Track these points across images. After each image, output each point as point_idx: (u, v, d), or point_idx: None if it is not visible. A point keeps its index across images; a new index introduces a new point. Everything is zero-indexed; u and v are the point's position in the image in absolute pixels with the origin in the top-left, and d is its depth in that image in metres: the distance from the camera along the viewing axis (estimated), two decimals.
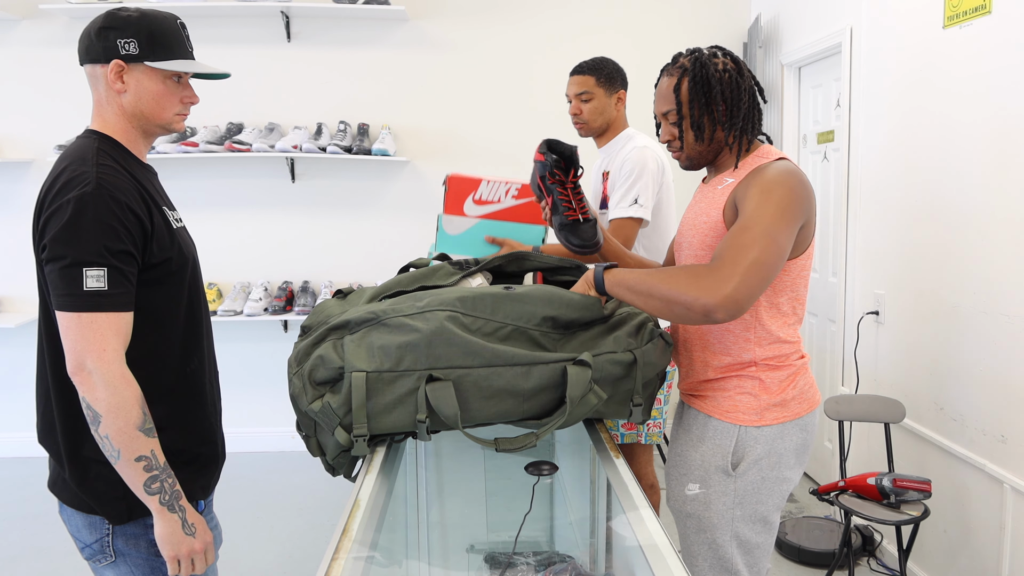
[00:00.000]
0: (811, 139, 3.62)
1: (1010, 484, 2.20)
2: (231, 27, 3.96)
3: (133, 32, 1.34)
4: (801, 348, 1.57)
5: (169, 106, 1.40)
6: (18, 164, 3.95)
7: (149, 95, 1.37)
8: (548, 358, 1.34)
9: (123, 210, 1.28)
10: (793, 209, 1.38)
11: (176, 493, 1.33)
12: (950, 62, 2.43)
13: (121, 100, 1.37)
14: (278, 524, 3.29)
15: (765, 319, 1.50)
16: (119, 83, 1.35)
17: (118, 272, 1.26)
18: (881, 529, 2.92)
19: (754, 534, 1.52)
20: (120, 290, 1.27)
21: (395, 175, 4.11)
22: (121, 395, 1.25)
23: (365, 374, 1.27)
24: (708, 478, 1.51)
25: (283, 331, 4.16)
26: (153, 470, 1.29)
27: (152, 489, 1.29)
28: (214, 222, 4.05)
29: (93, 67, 1.37)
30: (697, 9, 4.07)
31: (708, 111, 1.50)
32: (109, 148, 1.36)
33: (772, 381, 1.51)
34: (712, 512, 1.51)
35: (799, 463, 1.55)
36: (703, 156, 1.56)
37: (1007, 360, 2.22)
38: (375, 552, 1.14)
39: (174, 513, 1.32)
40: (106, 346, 1.25)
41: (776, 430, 1.50)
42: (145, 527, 1.39)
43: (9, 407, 4.13)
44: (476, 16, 4.02)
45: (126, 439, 1.26)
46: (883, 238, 2.87)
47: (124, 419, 1.25)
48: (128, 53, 1.34)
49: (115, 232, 1.26)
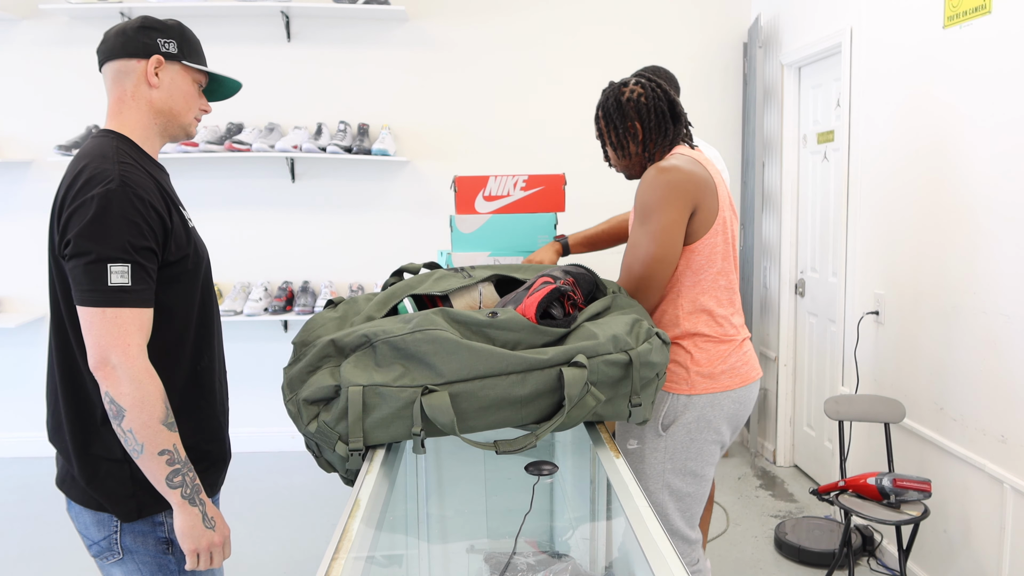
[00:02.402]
0: (811, 139, 3.62)
1: (1010, 484, 2.20)
2: (231, 27, 3.96)
3: (173, 35, 1.43)
4: (740, 326, 1.81)
5: (192, 108, 1.47)
6: (18, 164, 3.94)
7: (180, 93, 1.43)
8: (543, 362, 1.33)
9: (146, 207, 1.30)
10: (663, 209, 1.65)
11: (197, 487, 1.34)
12: (950, 62, 2.43)
13: (151, 95, 1.41)
14: (278, 524, 3.29)
15: (690, 293, 1.74)
16: (155, 78, 1.40)
17: (141, 268, 1.28)
18: (881, 529, 2.92)
19: (684, 484, 1.77)
20: (143, 286, 1.28)
21: (395, 175, 4.11)
22: (145, 389, 1.27)
23: (362, 388, 1.27)
24: (644, 436, 1.77)
25: (283, 331, 4.16)
26: (175, 464, 1.30)
27: (175, 483, 1.30)
28: (214, 222, 4.05)
29: (127, 62, 1.40)
30: (697, 9, 4.07)
31: (621, 132, 1.79)
32: (127, 147, 1.38)
33: (702, 355, 1.74)
34: (646, 464, 1.77)
35: (731, 429, 1.80)
36: (631, 168, 1.84)
37: (1007, 360, 2.22)
38: (375, 552, 1.14)
39: (195, 507, 1.33)
40: (130, 341, 1.26)
41: (707, 399, 1.74)
42: (153, 525, 1.40)
43: (10, 407, 4.13)
44: (476, 16, 4.02)
45: (150, 433, 1.27)
46: (883, 238, 2.87)
47: (148, 413, 1.27)
48: (168, 51, 1.41)
49: (139, 229, 1.28)
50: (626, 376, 1.41)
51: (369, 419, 1.28)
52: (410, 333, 1.32)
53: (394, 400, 1.27)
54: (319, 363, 1.36)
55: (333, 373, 1.33)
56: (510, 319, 1.40)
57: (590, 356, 1.37)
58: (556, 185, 2.06)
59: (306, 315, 3.91)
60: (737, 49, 4.09)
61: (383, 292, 1.65)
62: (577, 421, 1.38)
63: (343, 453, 1.30)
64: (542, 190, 2.04)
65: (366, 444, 1.30)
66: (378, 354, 1.32)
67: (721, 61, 4.08)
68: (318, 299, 3.99)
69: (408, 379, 1.29)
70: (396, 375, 1.29)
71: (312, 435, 1.32)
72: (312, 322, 1.54)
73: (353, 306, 1.61)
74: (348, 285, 4.14)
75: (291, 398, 1.35)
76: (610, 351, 1.40)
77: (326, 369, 1.34)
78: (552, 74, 4.04)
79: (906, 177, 2.69)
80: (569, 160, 3.90)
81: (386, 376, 1.29)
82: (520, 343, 1.40)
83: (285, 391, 1.39)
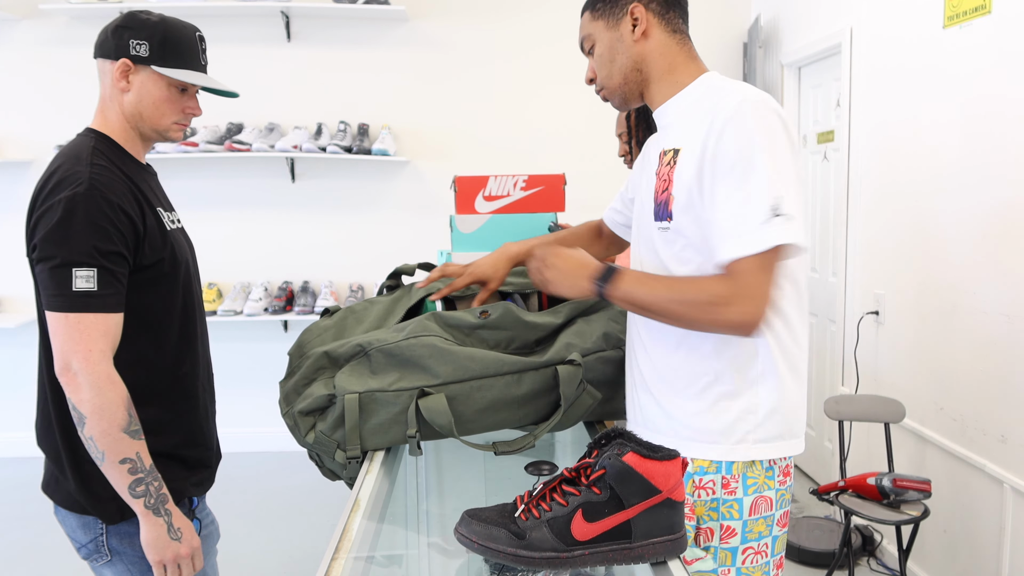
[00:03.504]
0: (811, 139, 3.62)
1: (1010, 484, 2.20)
2: (231, 27, 3.96)
3: (147, 35, 1.35)
4: None
5: (168, 113, 1.41)
6: (18, 164, 3.95)
7: (150, 99, 1.38)
8: (537, 363, 1.33)
9: (115, 211, 1.27)
10: None
11: (162, 497, 1.31)
12: (950, 62, 2.43)
13: (123, 99, 1.38)
14: (278, 524, 3.29)
15: None
16: (123, 82, 1.37)
17: (108, 273, 1.26)
18: (881, 529, 2.92)
19: None
20: (109, 291, 1.26)
21: (395, 175, 4.10)
22: (106, 396, 1.24)
23: (358, 395, 1.27)
24: None
25: (283, 331, 4.16)
26: (138, 473, 1.27)
27: (137, 492, 1.27)
28: (214, 222, 4.05)
29: (103, 62, 1.38)
30: (697, 9, 4.03)
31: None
32: (106, 148, 1.36)
33: None
34: None
35: None
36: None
37: (1007, 360, 2.22)
38: (375, 552, 1.14)
39: (159, 517, 1.30)
40: (92, 347, 1.24)
41: None
42: (137, 526, 1.38)
43: (9, 407, 4.13)
44: (476, 16, 4.02)
45: (110, 441, 1.24)
46: (883, 238, 2.86)
47: (108, 421, 1.24)
48: (137, 54, 1.35)
49: (106, 233, 1.25)
50: (624, 374, 1.41)
51: (367, 425, 1.28)
52: (404, 339, 1.32)
53: (391, 405, 1.27)
54: (314, 375, 1.36)
55: (327, 384, 1.32)
56: (501, 317, 1.40)
57: (584, 355, 1.37)
58: (556, 185, 2.06)
59: (306, 315, 3.91)
60: (737, 49, 4.08)
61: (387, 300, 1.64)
62: (576, 420, 1.38)
63: (342, 461, 1.30)
64: (542, 190, 2.04)
65: (364, 450, 1.30)
66: (373, 362, 1.32)
67: (721, 61, 4.07)
68: (318, 299, 3.99)
69: (404, 383, 1.29)
70: (392, 380, 1.29)
71: (311, 446, 1.32)
72: (307, 333, 1.54)
73: (351, 315, 1.59)
74: (348, 285, 4.14)
75: (287, 411, 1.35)
76: (603, 348, 1.40)
77: (321, 381, 1.34)
78: (552, 74, 4.04)
79: (906, 177, 2.69)
80: (569, 160, 3.89)
81: (382, 382, 1.29)
82: (514, 340, 1.40)
83: (282, 405, 1.38)
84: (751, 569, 1.26)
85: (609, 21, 1.29)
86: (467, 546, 0.98)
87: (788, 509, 1.30)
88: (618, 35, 1.28)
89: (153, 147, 3.79)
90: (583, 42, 1.35)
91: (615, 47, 1.29)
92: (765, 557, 1.27)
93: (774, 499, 1.25)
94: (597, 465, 0.95)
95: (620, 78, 1.30)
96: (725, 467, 1.23)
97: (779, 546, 1.29)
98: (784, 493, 1.27)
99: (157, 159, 3.86)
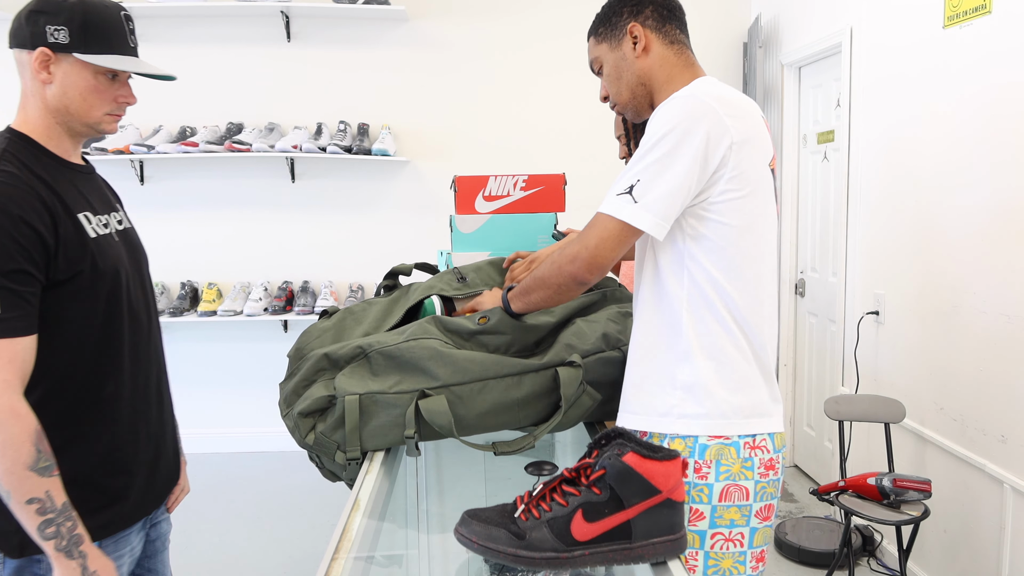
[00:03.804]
0: (811, 139, 3.62)
1: (1010, 484, 2.20)
2: (231, 27, 3.95)
3: (65, 19, 1.21)
4: None
5: (98, 104, 1.27)
6: None
7: (76, 90, 1.25)
8: (537, 365, 1.34)
9: (15, 224, 1.14)
10: None
11: (76, 538, 1.18)
12: (950, 62, 2.43)
13: (45, 93, 1.24)
14: (278, 524, 3.29)
15: None
16: (44, 73, 1.23)
17: (12, 294, 1.13)
18: (881, 529, 2.92)
19: None
20: (15, 313, 1.13)
21: (395, 175, 4.11)
22: (8, 431, 1.11)
23: (358, 397, 1.27)
24: None
25: (283, 331, 4.16)
26: (48, 513, 1.14)
27: (47, 534, 1.14)
28: (214, 222, 4.05)
29: (20, 52, 1.24)
30: (697, 9, 4.06)
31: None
32: (20, 150, 1.23)
33: None
34: None
35: None
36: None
37: (1007, 360, 2.22)
38: (375, 551, 1.14)
39: (72, 560, 1.17)
40: None
41: None
42: (31, 562, 1.25)
43: None
44: (476, 16, 4.02)
45: (15, 480, 1.12)
46: (883, 238, 2.86)
47: (12, 458, 1.11)
48: (56, 42, 1.21)
49: (6, 251, 1.13)
50: (624, 374, 1.41)
51: (367, 427, 1.28)
52: (404, 342, 1.33)
53: (392, 407, 1.27)
54: (314, 377, 1.35)
55: (327, 386, 1.32)
56: (499, 321, 1.40)
57: (584, 356, 1.37)
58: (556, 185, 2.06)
59: (306, 315, 3.91)
60: (737, 49, 4.08)
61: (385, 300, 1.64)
62: (575, 421, 1.38)
63: (342, 462, 1.30)
64: (542, 190, 2.05)
65: (364, 451, 1.30)
66: (373, 364, 1.32)
67: (721, 61, 4.08)
68: (318, 299, 3.99)
69: (405, 385, 1.29)
70: (392, 382, 1.29)
71: (311, 447, 1.32)
72: (306, 334, 1.53)
73: (350, 316, 1.59)
74: (348, 285, 4.14)
75: (287, 413, 1.35)
76: (602, 349, 1.40)
77: (321, 382, 1.34)
78: (552, 74, 4.04)
79: (906, 177, 2.69)
80: (569, 160, 3.89)
81: (382, 384, 1.29)
82: (513, 344, 1.40)
83: (281, 406, 1.38)
84: (720, 555, 1.27)
85: (612, 43, 1.40)
86: (467, 546, 0.98)
87: (773, 503, 1.30)
88: (621, 54, 1.39)
89: (153, 147, 3.79)
90: (592, 64, 1.46)
91: (620, 65, 1.39)
92: (740, 547, 1.27)
93: (751, 490, 1.26)
94: (597, 465, 0.96)
95: (628, 93, 1.39)
96: (698, 451, 1.25)
97: (759, 539, 1.29)
98: (766, 487, 1.27)
99: (157, 159, 3.86)
